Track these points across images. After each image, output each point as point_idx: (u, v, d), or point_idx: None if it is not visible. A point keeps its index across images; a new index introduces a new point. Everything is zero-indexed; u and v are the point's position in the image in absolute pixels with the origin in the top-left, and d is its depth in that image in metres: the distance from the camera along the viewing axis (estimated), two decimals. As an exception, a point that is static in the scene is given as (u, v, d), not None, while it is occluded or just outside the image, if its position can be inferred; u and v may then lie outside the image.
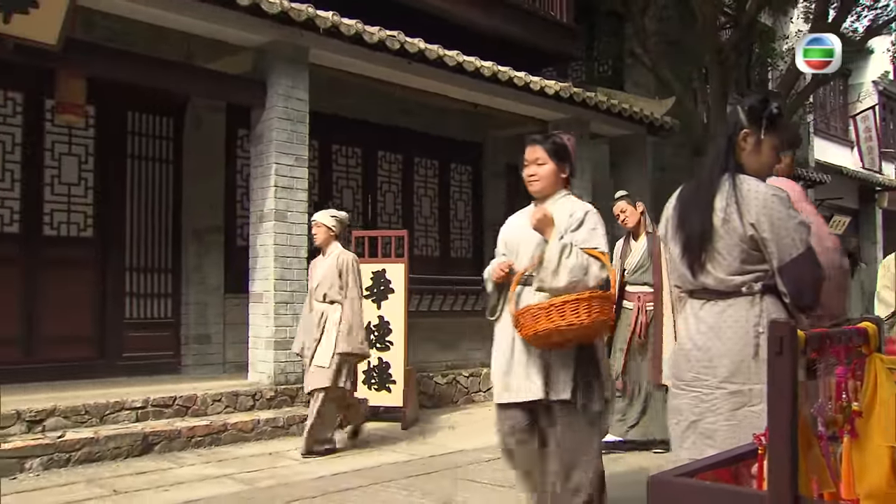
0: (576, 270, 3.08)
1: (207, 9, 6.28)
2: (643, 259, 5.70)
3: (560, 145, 3.44)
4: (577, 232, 3.22)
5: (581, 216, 3.26)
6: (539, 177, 3.38)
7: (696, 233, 2.57)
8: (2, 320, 6.72)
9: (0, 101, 6.84)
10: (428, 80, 8.18)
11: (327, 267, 5.72)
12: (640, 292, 5.68)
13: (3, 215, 6.83)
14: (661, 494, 1.86)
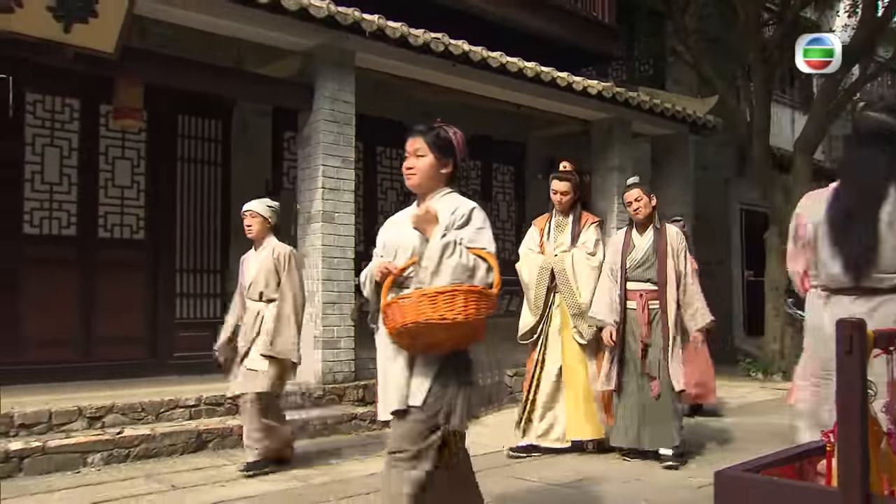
0: (459, 271, 2.78)
1: (257, 15, 6.39)
2: (647, 254, 5.35)
3: (444, 138, 3.15)
4: (462, 230, 2.92)
5: (466, 213, 2.98)
6: (416, 170, 3.11)
7: (863, 238, 2.68)
8: (60, 321, 6.91)
9: (58, 107, 7.03)
10: (471, 81, 8.24)
11: (262, 262, 5.22)
12: (643, 290, 5.33)
13: (61, 218, 7.02)
14: (728, 489, 1.89)
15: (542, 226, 5.82)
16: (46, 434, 5.20)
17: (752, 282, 13.65)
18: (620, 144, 10.09)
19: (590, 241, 5.58)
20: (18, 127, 6.83)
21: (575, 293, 5.48)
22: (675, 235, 5.42)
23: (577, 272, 5.50)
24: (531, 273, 5.65)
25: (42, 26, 5.38)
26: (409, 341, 2.81)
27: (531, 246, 5.79)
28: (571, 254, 5.55)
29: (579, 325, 5.49)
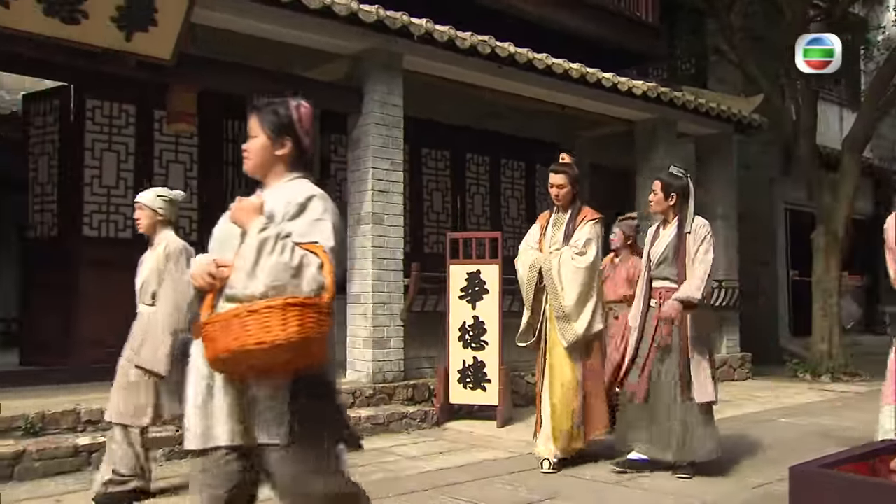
0: (280, 272, 2.29)
1: (307, 20, 6.52)
2: (667, 251, 4.98)
3: (278, 114, 2.66)
4: (293, 222, 2.44)
5: (301, 201, 2.47)
6: (248, 153, 2.68)
7: None
8: (118, 321, 7.07)
9: (115, 113, 7.23)
10: (517, 83, 8.29)
11: (154, 261, 4.61)
12: (663, 287, 4.99)
13: (118, 221, 7.22)
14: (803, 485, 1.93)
15: (543, 222, 5.51)
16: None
17: (798, 282, 13.53)
18: (665, 144, 10.07)
19: (581, 239, 5.15)
20: (79, 133, 7.04)
21: (559, 295, 5.11)
22: (697, 228, 4.97)
23: (561, 273, 5.12)
24: (524, 270, 5.36)
25: (106, 36, 5.59)
26: (236, 369, 2.35)
27: (530, 242, 5.49)
28: (560, 252, 5.19)
29: (562, 328, 5.09)
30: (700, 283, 4.79)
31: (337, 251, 2.44)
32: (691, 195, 5.06)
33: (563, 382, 5.13)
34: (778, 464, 5.09)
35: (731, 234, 10.98)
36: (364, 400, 6.73)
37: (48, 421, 5.19)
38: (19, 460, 4.73)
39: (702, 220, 5.05)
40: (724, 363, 10.57)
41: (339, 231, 2.51)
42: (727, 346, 10.76)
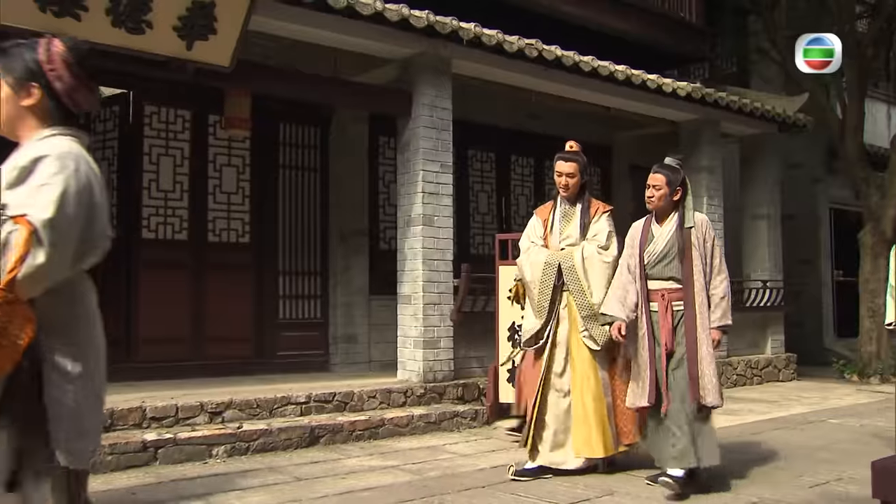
0: None
1: (360, 26, 6.64)
2: (668, 247, 4.61)
3: (26, 58, 2.18)
4: (14, 190, 2.01)
5: (27, 164, 2.04)
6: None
7: None
8: (174, 320, 7.29)
9: (171, 118, 7.42)
10: (563, 85, 8.35)
11: None
12: (665, 289, 4.61)
13: (174, 223, 7.40)
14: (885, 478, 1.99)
15: (545, 216, 5.08)
16: (174, 427, 5.53)
17: (842, 282, 13.42)
18: (709, 145, 10.07)
19: (602, 232, 4.87)
20: (138, 138, 7.23)
21: (586, 292, 4.78)
22: (702, 224, 4.68)
23: (587, 268, 4.79)
24: (535, 270, 4.93)
25: (169, 45, 5.78)
26: None
27: (534, 238, 5.06)
28: (581, 247, 4.84)
29: (591, 329, 4.78)
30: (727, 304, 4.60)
31: (60, 223, 1.98)
32: (689, 188, 4.77)
33: (589, 388, 4.81)
34: (832, 464, 5.15)
35: (776, 235, 10.93)
36: (415, 399, 6.84)
37: (116, 417, 5.35)
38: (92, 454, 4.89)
39: (704, 216, 4.79)
40: (769, 364, 10.54)
41: (81, 200, 2.05)
42: (772, 347, 10.73)
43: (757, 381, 10.28)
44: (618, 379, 4.88)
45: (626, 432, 4.87)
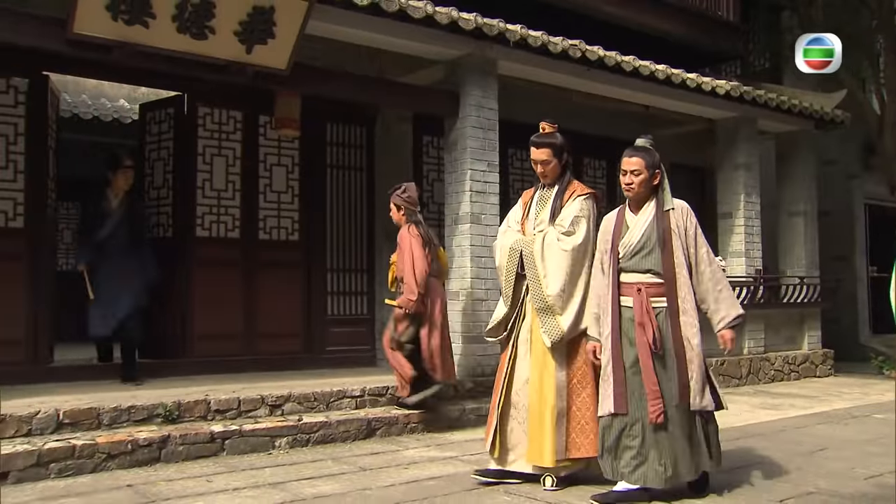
0: None
1: (410, 28, 6.80)
2: (646, 237, 4.20)
3: None
4: None
5: None
6: None
7: None
8: (228, 317, 7.50)
9: (224, 119, 7.61)
10: (604, 84, 8.48)
11: None
12: (641, 282, 4.18)
13: (227, 222, 7.60)
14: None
15: (526, 199, 4.76)
16: (237, 419, 5.73)
17: (877, 278, 13.43)
18: (746, 142, 10.13)
19: (568, 217, 4.42)
20: (192, 139, 7.44)
21: (541, 283, 4.37)
22: (682, 210, 4.28)
23: (545, 256, 4.40)
24: (502, 255, 4.62)
25: (229, 49, 5.98)
26: None
27: (511, 224, 4.74)
28: (544, 233, 4.47)
29: (545, 324, 4.36)
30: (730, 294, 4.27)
31: None
32: (664, 170, 4.38)
33: (545, 389, 4.37)
34: (883, 457, 5.24)
35: (812, 231, 10.99)
36: (465, 393, 6.99)
37: (183, 409, 5.56)
38: (165, 444, 5.10)
39: (683, 202, 4.36)
40: (806, 359, 10.60)
41: None
42: (809, 343, 10.79)
43: (794, 376, 10.35)
44: (578, 383, 4.40)
45: (578, 444, 4.35)
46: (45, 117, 6.76)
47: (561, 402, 4.34)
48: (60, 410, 5.13)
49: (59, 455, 4.74)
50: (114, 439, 4.98)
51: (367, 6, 6.34)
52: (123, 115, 10.49)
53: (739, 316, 4.25)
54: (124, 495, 4.33)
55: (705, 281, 4.22)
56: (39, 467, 4.65)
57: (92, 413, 5.23)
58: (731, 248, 10.09)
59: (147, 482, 4.61)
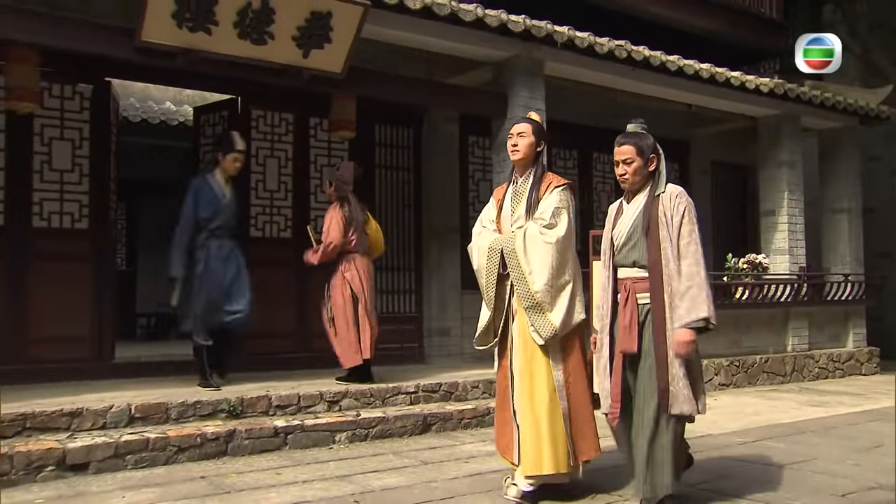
0: None
1: (460, 31, 6.92)
2: (634, 225, 3.94)
3: None
4: None
5: None
6: None
7: None
8: (281, 315, 7.67)
9: (276, 121, 7.79)
10: (648, 84, 8.54)
11: None
12: (629, 277, 3.95)
13: (279, 222, 7.79)
14: None
15: (500, 196, 4.47)
16: (297, 415, 5.89)
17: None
18: (789, 140, 10.13)
19: (548, 209, 4.17)
20: (246, 141, 7.59)
21: (527, 280, 4.10)
22: (671, 195, 3.92)
23: (528, 251, 4.12)
24: (480, 256, 4.33)
25: (287, 54, 6.15)
26: None
27: (486, 223, 4.47)
28: (525, 228, 4.19)
29: (535, 322, 4.09)
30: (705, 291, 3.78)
31: None
32: (661, 153, 4.02)
33: (539, 391, 4.12)
34: None
35: (856, 228, 10.95)
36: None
37: (246, 405, 5.73)
38: (231, 438, 5.27)
39: (676, 186, 4.00)
40: (851, 357, 10.57)
41: None
42: (853, 341, 10.75)
43: (839, 374, 10.32)
44: (574, 381, 4.17)
45: (583, 447, 4.18)
46: (108, 122, 6.99)
47: (563, 402, 4.11)
48: (132, 405, 5.32)
49: (134, 447, 4.92)
50: (183, 433, 5.16)
51: (420, 10, 6.48)
52: (170, 118, 10.71)
53: (703, 319, 3.76)
54: (200, 486, 4.50)
55: (678, 276, 3.79)
56: (117, 458, 4.84)
57: (161, 408, 5.42)
58: (774, 246, 10.08)
59: (218, 474, 4.78)
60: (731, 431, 6.26)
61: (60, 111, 6.68)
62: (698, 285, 3.75)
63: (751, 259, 9.58)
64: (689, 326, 3.76)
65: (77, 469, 4.69)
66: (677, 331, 3.77)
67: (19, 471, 4.51)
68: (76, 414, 5.11)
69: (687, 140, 11.13)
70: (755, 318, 9.61)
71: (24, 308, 6.44)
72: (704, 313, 3.75)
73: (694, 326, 3.76)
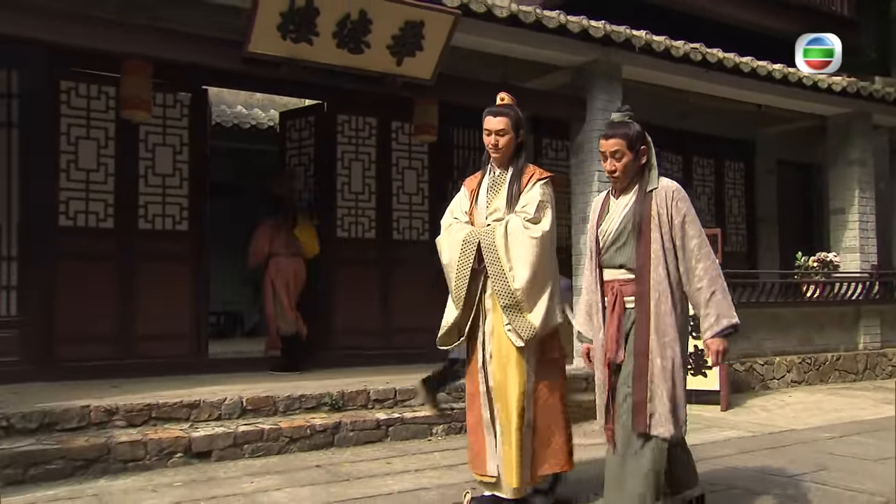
0: None
1: (543, 37, 7.12)
2: (624, 223, 3.56)
3: None
4: None
5: None
6: None
7: None
8: (366, 313, 7.95)
9: (360, 126, 8.08)
10: (720, 85, 8.64)
11: None
12: (616, 280, 3.57)
13: (364, 223, 8.08)
14: None
15: (473, 186, 4.15)
16: (394, 408, 6.15)
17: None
18: (860, 138, 10.12)
19: (532, 203, 3.86)
20: (332, 145, 7.92)
21: (507, 276, 3.79)
22: (667, 192, 3.55)
23: (510, 246, 3.81)
24: (452, 250, 3.98)
25: (382, 62, 6.41)
26: None
27: (457, 214, 4.13)
28: (506, 221, 3.87)
29: (513, 321, 3.77)
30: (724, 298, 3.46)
31: None
32: (651, 143, 3.63)
33: (511, 396, 3.81)
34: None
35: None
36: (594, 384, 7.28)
37: (347, 398, 6.00)
38: (338, 430, 5.55)
39: (671, 181, 3.65)
40: None
41: None
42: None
43: (915, 372, 10.30)
44: (544, 388, 3.87)
45: (547, 461, 3.87)
46: (205, 128, 7.32)
47: (528, 413, 3.80)
48: (243, 398, 5.62)
49: (250, 437, 5.23)
50: (294, 424, 5.46)
51: (507, 18, 6.69)
52: (242, 121, 11.07)
53: (733, 325, 3.45)
54: (318, 474, 4.78)
55: (696, 280, 3.45)
56: (235, 447, 5.15)
57: (270, 401, 5.72)
58: (844, 244, 10.10)
59: (331, 463, 5.06)
60: (814, 427, 6.38)
61: (163, 119, 7.03)
62: (723, 290, 3.46)
63: (821, 257, 9.63)
64: (721, 335, 3.45)
65: (201, 456, 5.01)
66: (712, 340, 3.45)
67: (152, 456, 4.84)
68: (194, 405, 5.43)
69: (752, 139, 11.19)
70: (826, 315, 9.65)
71: (132, 306, 6.80)
72: (735, 319, 3.45)
73: (726, 334, 3.45)
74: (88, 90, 6.68)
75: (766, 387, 8.76)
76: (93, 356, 6.50)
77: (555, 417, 3.88)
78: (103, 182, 6.75)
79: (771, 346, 9.11)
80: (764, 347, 9.11)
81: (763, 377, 8.80)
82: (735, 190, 11.21)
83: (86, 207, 6.67)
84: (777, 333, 9.16)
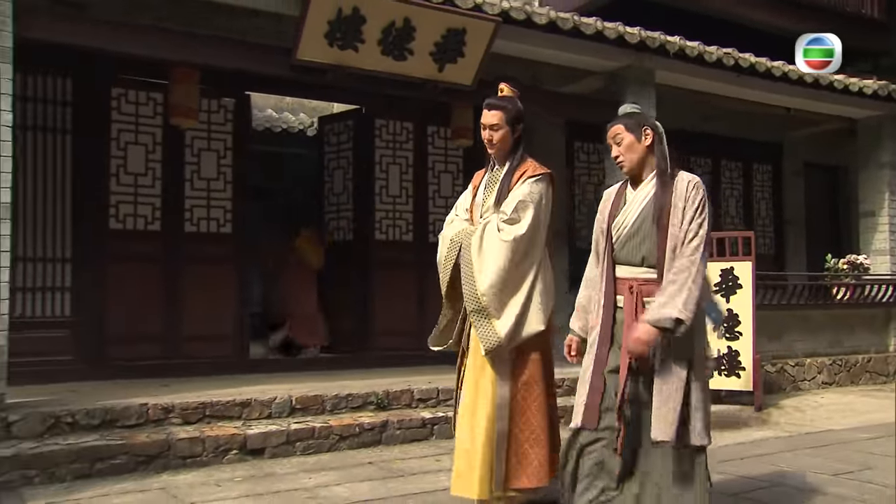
0: None
1: (581, 44, 7.24)
2: (641, 219, 3.29)
3: None
4: None
5: None
6: None
7: None
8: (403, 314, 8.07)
9: (398, 130, 8.22)
10: (751, 89, 8.73)
11: None
12: (635, 278, 3.28)
13: (401, 226, 8.21)
14: None
15: (476, 182, 4.04)
16: (437, 407, 6.28)
17: None
18: (891, 140, 10.14)
19: (512, 202, 3.69)
20: (370, 149, 8.07)
21: (474, 278, 3.63)
22: (688, 183, 3.26)
23: (482, 248, 3.65)
24: (441, 247, 3.91)
25: (424, 68, 6.55)
26: None
27: (459, 211, 4.01)
28: (485, 222, 3.74)
29: (479, 328, 3.61)
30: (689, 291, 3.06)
31: None
32: (660, 130, 3.46)
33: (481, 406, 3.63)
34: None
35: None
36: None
37: (392, 398, 6.14)
38: (385, 428, 5.69)
39: (690, 175, 3.34)
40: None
41: None
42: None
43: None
44: (523, 398, 3.65)
45: (520, 474, 3.63)
46: (247, 132, 7.49)
47: (501, 422, 3.60)
48: (293, 397, 5.77)
49: (302, 435, 5.37)
50: (343, 423, 5.60)
51: (546, 24, 6.82)
52: (274, 125, 11.20)
53: (674, 319, 3.03)
54: (372, 470, 4.92)
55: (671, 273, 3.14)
56: (288, 445, 5.29)
57: (318, 400, 5.86)
58: (874, 247, 10.14)
59: (382, 460, 5.19)
60: (851, 427, 6.46)
61: (208, 124, 7.18)
62: (683, 282, 3.07)
63: (851, 259, 9.68)
64: (657, 325, 3.06)
65: (255, 453, 5.15)
66: (639, 325, 3.11)
67: (209, 453, 4.99)
68: (246, 404, 5.58)
69: (780, 142, 11.25)
70: (856, 317, 9.70)
71: (178, 307, 6.96)
72: (675, 313, 3.02)
73: (661, 326, 3.05)
74: (137, 97, 6.84)
75: (797, 388, 8.83)
76: (143, 356, 6.67)
77: (532, 429, 3.64)
78: (151, 186, 6.91)
79: (802, 348, 9.18)
80: (795, 349, 9.17)
81: (794, 378, 8.87)
82: (763, 192, 11.27)
83: (134, 210, 6.83)
84: (807, 335, 9.23)
